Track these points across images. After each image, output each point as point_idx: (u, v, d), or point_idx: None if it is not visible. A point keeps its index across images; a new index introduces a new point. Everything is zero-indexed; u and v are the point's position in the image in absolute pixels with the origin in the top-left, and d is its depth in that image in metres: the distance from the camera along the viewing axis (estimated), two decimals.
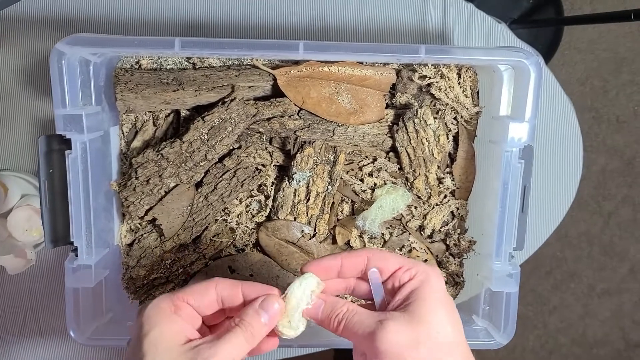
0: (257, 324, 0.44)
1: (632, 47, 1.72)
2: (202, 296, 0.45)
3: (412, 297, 0.45)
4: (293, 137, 0.70)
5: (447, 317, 0.44)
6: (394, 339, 0.42)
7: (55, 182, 0.62)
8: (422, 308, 0.44)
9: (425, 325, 0.43)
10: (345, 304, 0.46)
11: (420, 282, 0.46)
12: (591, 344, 1.84)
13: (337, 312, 0.45)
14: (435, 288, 0.45)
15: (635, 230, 1.79)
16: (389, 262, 0.47)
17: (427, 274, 0.46)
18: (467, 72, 0.71)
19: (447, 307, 0.45)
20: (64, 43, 0.59)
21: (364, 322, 0.44)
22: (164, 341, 0.41)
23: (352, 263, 0.48)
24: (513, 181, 0.65)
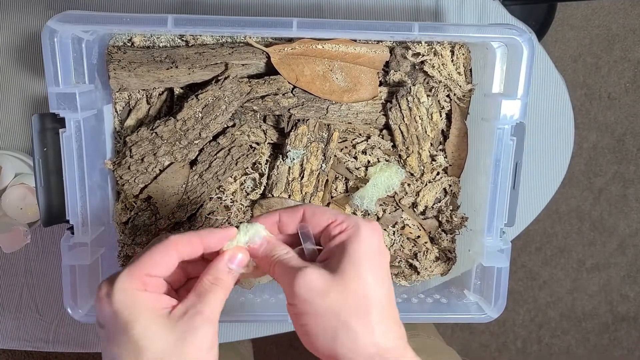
0: (230, 279, 0.46)
1: (625, 23, 1.72)
2: (165, 263, 0.45)
3: (337, 250, 0.46)
4: (287, 115, 0.71)
5: (366, 270, 0.45)
6: (307, 285, 0.43)
7: (49, 161, 0.62)
8: (341, 260, 0.45)
9: (339, 275, 0.44)
10: (284, 248, 0.48)
11: (347, 235, 0.46)
12: (580, 317, 1.87)
13: (274, 254, 0.47)
14: (363, 243, 0.46)
15: (625, 206, 1.81)
16: (323, 217, 0.48)
17: (357, 228, 0.46)
18: (461, 50, 0.71)
19: (371, 262, 0.45)
20: (55, 20, 0.58)
21: (291, 264, 0.46)
22: (152, 321, 0.42)
23: (289, 218, 0.50)
24: (505, 158, 0.66)
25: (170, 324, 0.42)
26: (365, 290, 0.44)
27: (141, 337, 0.41)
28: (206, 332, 0.42)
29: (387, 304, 0.45)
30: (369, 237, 0.46)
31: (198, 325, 0.42)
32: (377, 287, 0.45)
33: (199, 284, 0.45)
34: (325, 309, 0.43)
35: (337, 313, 0.43)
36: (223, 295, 0.45)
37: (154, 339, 0.41)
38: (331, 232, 0.48)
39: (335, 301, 0.43)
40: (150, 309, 0.42)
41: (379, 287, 0.45)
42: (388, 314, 0.45)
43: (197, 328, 0.42)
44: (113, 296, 0.42)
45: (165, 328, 0.42)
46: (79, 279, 0.64)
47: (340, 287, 0.44)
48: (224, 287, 0.45)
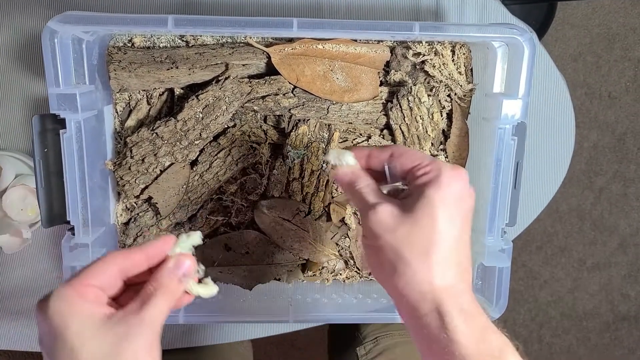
0: (174, 284, 0.45)
1: (625, 22, 1.72)
2: (104, 274, 0.44)
3: (416, 191, 0.47)
4: (287, 115, 0.71)
5: (438, 211, 0.46)
6: (377, 220, 0.46)
7: (50, 162, 0.62)
8: (416, 201, 0.46)
9: (411, 214, 0.46)
10: (366, 180, 0.50)
11: (429, 178, 0.47)
12: (581, 316, 1.87)
13: (358, 184, 0.50)
14: (442, 187, 0.46)
15: (626, 205, 1.81)
16: (410, 159, 0.50)
17: (439, 173, 0.47)
18: (461, 49, 0.71)
19: (445, 204, 0.46)
20: (56, 21, 0.58)
21: (368, 198, 0.48)
22: (86, 325, 0.41)
23: (379, 155, 0.52)
24: (506, 158, 0.65)
25: (106, 328, 0.41)
26: (432, 230, 0.45)
27: (75, 340, 0.40)
28: (144, 337, 0.41)
29: (455, 247, 0.46)
30: (450, 182, 0.47)
31: (135, 329, 0.41)
32: (446, 229, 0.46)
33: (143, 290, 0.44)
34: (391, 244, 0.46)
35: (400, 249, 0.45)
36: (165, 301, 0.44)
37: (88, 342, 0.40)
38: (415, 173, 0.49)
39: (401, 238, 0.45)
40: (85, 313, 0.41)
41: (449, 229, 0.46)
42: (452, 256, 0.46)
43: (134, 332, 0.41)
44: (48, 305, 0.41)
45: (101, 332, 0.41)
46: None
47: (408, 225, 0.45)
48: (167, 292, 0.44)
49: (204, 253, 0.73)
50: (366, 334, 0.87)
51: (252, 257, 0.73)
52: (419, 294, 0.45)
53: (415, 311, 0.46)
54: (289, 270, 0.75)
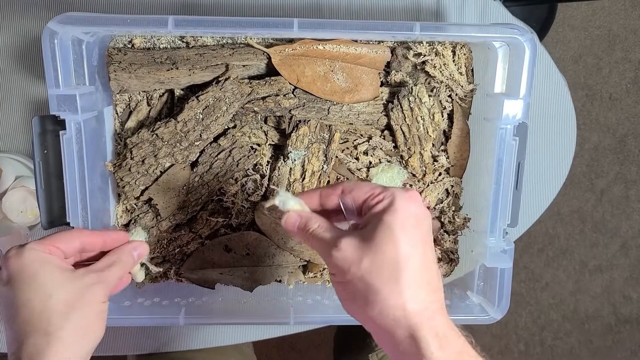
0: (130, 261, 0.57)
1: (625, 24, 1.72)
2: (69, 243, 0.53)
3: (373, 219, 0.47)
4: (288, 116, 0.70)
5: (398, 235, 0.46)
6: (342, 255, 0.46)
7: (50, 163, 0.62)
8: (375, 229, 0.46)
9: (372, 243, 0.46)
10: (317, 221, 0.50)
11: (383, 206, 0.48)
12: (582, 319, 1.86)
13: (308, 227, 0.50)
14: (398, 212, 0.47)
15: (627, 207, 1.80)
16: (361, 191, 0.50)
17: (393, 198, 0.48)
18: (462, 50, 0.71)
19: (403, 227, 0.46)
20: (55, 22, 0.58)
21: (326, 236, 0.49)
22: (56, 272, 0.50)
23: (329, 194, 0.52)
24: (507, 158, 0.65)
25: (73, 278, 0.51)
26: (396, 254, 0.45)
27: (48, 282, 0.49)
28: (102, 291, 0.52)
29: (421, 268, 0.46)
30: (404, 205, 0.47)
31: (96, 284, 0.51)
32: (410, 251, 0.46)
33: (104, 258, 0.55)
34: (358, 276, 0.46)
35: (368, 279, 0.45)
36: (121, 271, 0.55)
37: (60, 285, 0.50)
38: (369, 203, 0.49)
39: (367, 267, 0.45)
40: (54, 264, 0.51)
41: (413, 251, 0.46)
42: (421, 277, 0.46)
43: (95, 285, 0.51)
44: (23, 253, 0.50)
45: (69, 280, 0.50)
46: None
47: (372, 254, 0.46)
48: (123, 265, 0.55)
49: (204, 254, 0.73)
50: None
51: (252, 258, 0.73)
52: (393, 321, 0.45)
53: (392, 339, 0.46)
54: (289, 272, 0.75)
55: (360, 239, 0.47)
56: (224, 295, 0.73)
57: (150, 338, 0.85)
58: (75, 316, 0.49)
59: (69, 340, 0.49)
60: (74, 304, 0.49)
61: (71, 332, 0.49)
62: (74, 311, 0.49)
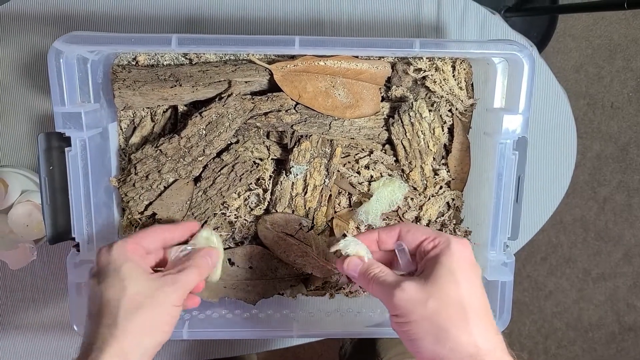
0: (205, 263, 0.59)
1: (626, 33, 1.73)
2: (152, 241, 0.59)
3: (431, 262, 0.50)
4: (290, 131, 0.71)
5: (459, 277, 0.49)
6: (406, 296, 0.48)
7: (55, 179, 0.63)
8: (435, 271, 0.49)
9: (435, 284, 0.48)
10: (378, 266, 0.53)
11: (440, 250, 0.51)
12: (586, 327, 1.86)
13: (370, 272, 0.53)
14: (455, 255, 0.50)
15: (630, 216, 1.80)
16: (417, 234, 0.54)
17: (448, 243, 0.51)
18: (462, 65, 0.72)
19: (464, 272, 0.49)
20: (61, 41, 0.59)
21: (387, 281, 0.51)
22: (135, 270, 0.54)
23: (387, 235, 0.56)
24: (507, 172, 0.66)
25: (150, 277, 0.54)
26: (461, 295, 0.48)
27: (126, 277, 0.53)
28: (174, 293, 0.54)
29: (483, 309, 0.49)
30: (461, 250, 0.51)
31: (171, 286, 0.54)
32: (471, 293, 0.49)
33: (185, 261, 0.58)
34: (426, 316, 0.48)
35: (437, 318, 0.48)
36: (197, 276, 0.56)
37: (135, 281, 0.53)
38: (425, 247, 0.53)
39: (434, 308, 0.48)
40: (135, 262, 0.55)
41: (473, 292, 0.49)
42: (485, 317, 0.49)
43: (169, 287, 0.54)
44: (111, 250, 0.55)
45: (146, 278, 0.54)
46: (85, 297, 0.65)
47: (437, 294, 0.48)
48: (199, 270, 0.57)
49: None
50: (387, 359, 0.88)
51: (255, 271, 0.74)
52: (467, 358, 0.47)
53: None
54: (292, 285, 0.75)
55: (423, 280, 0.49)
56: (228, 308, 0.74)
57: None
58: (144, 313, 0.51)
59: (133, 335, 0.51)
60: (144, 301, 0.52)
61: (136, 328, 0.51)
62: (143, 308, 0.51)
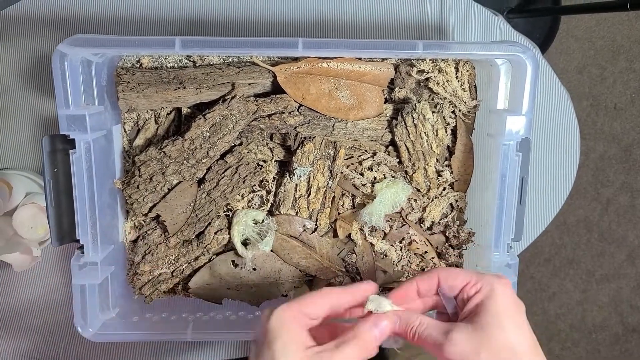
0: (369, 337, 0.49)
1: (629, 34, 1.73)
2: (317, 306, 0.50)
3: (477, 309, 0.49)
4: (293, 133, 0.71)
5: (509, 324, 0.48)
6: (458, 349, 0.47)
7: (59, 181, 0.63)
8: (484, 318, 0.48)
9: (486, 333, 0.47)
10: (417, 317, 0.51)
11: (484, 295, 0.50)
12: (590, 329, 1.86)
13: (410, 326, 0.51)
14: (499, 299, 0.49)
15: (633, 217, 1.80)
16: (458, 279, 0.52)
17: (492, 287, 0.50)
18: (465, 66, 0.72)
19: (510, 316, 0.49)
20: (65, 44, 0.59)
21: (433, 333, 0.49)
22: (292, 346, 0.47)
23: (426, 284, 0.54)
24: (511, 173, 0.66)
25: (304, 355, 0.46)
26: (511, 342, 0.47)
27: (279, 351, 0.46)
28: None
29: (534, 351, 0.48)
30: (504, 292, 0.50)
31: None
32: (521, 337, 0.48)
33: (344, 334, 0.49)
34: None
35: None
36: (358, 352, 0.48)
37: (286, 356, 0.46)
38: (468, 293, 0.51)
39: (486, 358, 0.46)
40: (293, 334, 0.47)
41: (523, 337, 0.48)
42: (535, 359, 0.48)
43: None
44: (271, 317, 0.48)
45: (299, 355, 0.46)
46: (89, 298, 0.65)
47: (488, 344, 0.47)
48: (362, 345, 0.48)
49: (211, 270, 0.74)
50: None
51: (259, 273, 0.74)
52: None
53: None
54: (296, 287, 0.75)
55: (470, 329, 0.48)
56: (232, 310, 0.74)
57: (157, 354, 0.86)
58: None
59: None
60: None
61: None
62: None
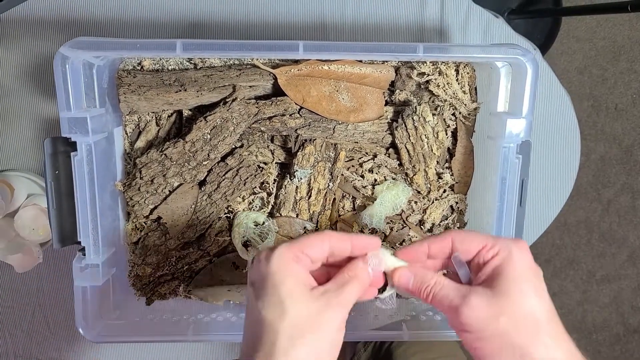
0: (366, 278, 0.49)
1: (630, 35, 1.73)
2: (318, 248, 0.49)
3: (494, 273, 0.48)
4: (294, 135, 0.71)
5: (529, 290, 0.47)
6: (476, 314, 0.46)
7: (61, 183, 0.63)
8: (502, 283, 0.47)
9: (505, 298, 0.46)
10: (433, 277, 0.50)
11: (502, 259, 0.48)
12: (590, 329, 1.86)
13: (425, 285, 0.50)
14: (518, 263, 0.48)
15: (634, 217, 1.80)
16: (473, 243, 0.50)
17: (509, 251, 0.48)
18: (465, 69, 0.72)
19: (529, 280, 0.47)
20: (67, 47, 0.60)
21: (450, 295, 0.48)
22: (297, 287, 0.46)
23: (438, 247, 0.52)
24: (511, 176, 0.66)
25: (311, 297, 0.46)
26: (531, 307, 0.46)
27: (287, 298, 0.45)
28: (338, 314, 0.46)
29: (554, 317, 0.47)
30: (522, 257, 0.48)
31: (333, 306, 0.46)
32: (540, 303, 0.47)
33: (339, 275, 0.49)
34: (498, 333, 0.46)
35: (511, 335, 0.46)
36: (357, 290, 0.48)
37: (297, 303, 0.45)
38: (484, 257, 0.49)
39: (507, 324, 0.46)
40: (297, 277, 0.47)
41: (542, 302, 0.47)
42: (557, 327, 0.47)
43: (332, 308, 0.46)
44: (271, 259, 0.47)
45: (307, 298, 0.46)
46: (90, 300, 0.65)
47: (508, 309, 0.46)
48: (360, 282, 0.49)
49: (212, 271, 0.74)
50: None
51: None
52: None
53: None
54: None
55: (489, 293, 0.47)
56: (232, 311, 0.74)
57: (158, 355, 0.86)
58: (306, 345, 0.44)
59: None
60: (305, 329, 0.45)
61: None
62: (304, 337, 0.45)
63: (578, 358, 0.47)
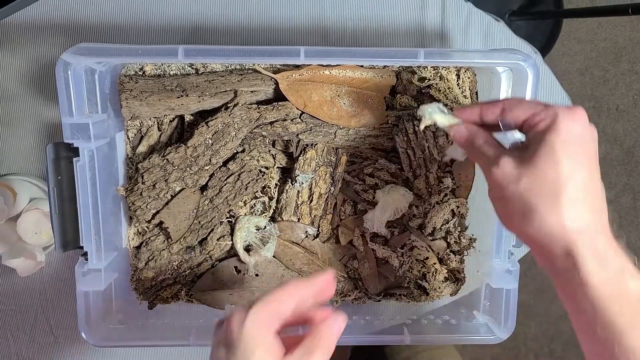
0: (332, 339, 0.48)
1: (632, 36, 1.73)
2: (289, 304, 0.48)
3: (534, 139, 0.48)
4: (295, 140, 0.72)
5: (561, 155, 0.46)
6: (500, 171, 0.48)
7: (63, 189, 0.64)
8: (537, 149, 0.47)
9: (532, 162, 0.47)
10: (482, 133, 0.53)
11: (545, 125, 0.48)
12: None
13: (474, 139, 0.53)
14: (562, 132, 0.47)
15: (636, 218, 1.80)
16: (522, 109, 0.50)
17: (555, 118, 0.48)
18: (466, 74, 0.72)
19: (567, 147, 0.47)
20: (69, 53, 0.60)
21: (488, 152, 0.51)
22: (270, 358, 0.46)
23: (490, 111, 0.53)
24: None
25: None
26: (557, 174, 0.46)
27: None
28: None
29: (584, 188, 0.47)
30: (569, 125, 0.47)
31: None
32: (571, 172, 0.46)
33: (306, 342, 0.48)
34: (517, 193, 0.47)
35: (526, 197, 0.47)
36: (326, 354, 0.48)
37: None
38: (531, 122, 0.50)
39: (525, 186, 0.47)
40: (268, 348, 0.46)
41: (575, 171, 0.47)
42: (583, 198, 0.47)
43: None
44: (245, 324, 0.46)
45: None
46: (93, 304, 0.66)
47: (531, 172, 0.47)
48: (326, 349, 0.48)
49: (214, 275, 0.74)
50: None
51: (262, 279, 0.74)
52: (549, 238, 0.47)
53: (548, 254, 0.48)
54: None
55: (520, 157, 0.48)
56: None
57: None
58: None
59: None
60: None
61: None
62: None
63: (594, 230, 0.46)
